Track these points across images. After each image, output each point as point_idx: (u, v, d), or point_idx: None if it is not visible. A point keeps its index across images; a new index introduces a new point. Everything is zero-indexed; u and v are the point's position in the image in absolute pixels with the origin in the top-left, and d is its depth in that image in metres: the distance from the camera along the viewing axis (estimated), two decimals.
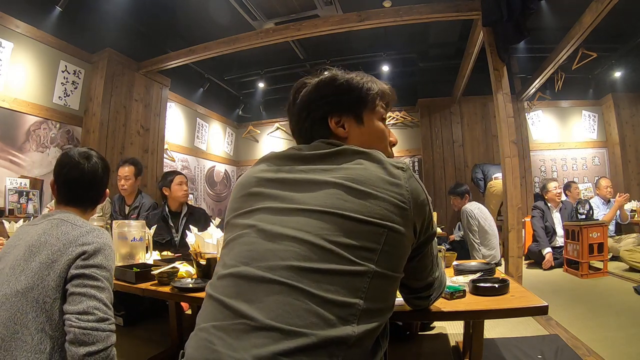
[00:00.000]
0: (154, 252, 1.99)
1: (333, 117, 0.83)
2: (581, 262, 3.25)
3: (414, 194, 0.70)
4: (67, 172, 1.09)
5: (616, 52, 4.98)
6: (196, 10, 4.12)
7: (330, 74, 0.85)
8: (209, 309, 0.66)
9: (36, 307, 0.88)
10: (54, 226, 0.99)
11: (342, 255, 0.62)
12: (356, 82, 0.84)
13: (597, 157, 5.61)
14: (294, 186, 0.72)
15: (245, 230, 0.71)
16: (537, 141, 5.63)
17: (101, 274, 0.94)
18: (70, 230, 0.98)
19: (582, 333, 1.94)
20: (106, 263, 0.96)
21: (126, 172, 2.74)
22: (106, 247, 0.99)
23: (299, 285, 0.60)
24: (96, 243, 0.96)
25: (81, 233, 0.97)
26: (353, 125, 0.83)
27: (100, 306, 0.89)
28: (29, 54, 3.19)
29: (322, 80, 0.85)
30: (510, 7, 2.74)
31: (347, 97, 0.83)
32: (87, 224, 1.03)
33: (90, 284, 0.91)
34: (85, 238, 0.96)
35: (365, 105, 0.84)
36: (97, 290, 0.91)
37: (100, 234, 1.00)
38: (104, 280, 0.94)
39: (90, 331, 0.85)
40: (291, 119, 0.89)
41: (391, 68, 5.34)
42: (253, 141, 6.66)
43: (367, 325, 0.61)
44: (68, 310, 0.88)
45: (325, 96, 0.83)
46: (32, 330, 0.87)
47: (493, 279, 1.28)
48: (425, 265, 0.82)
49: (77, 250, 0.94)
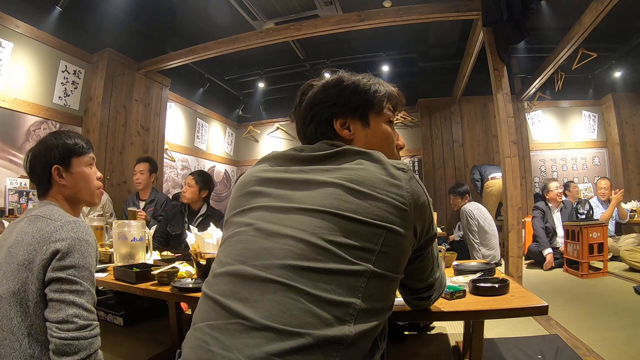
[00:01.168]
0: (154, 252, 1.99)
1: (338, 118, 0.83)
2: (581, 262, 3.25)
3: (415, 196, 0.69)
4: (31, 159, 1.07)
5: (616, 52, 4.98)
6: (196, 11, 4.13)
7: (337, 76, 0.85)
8: (204, 308, 0.66)
9: (20, 311, 0.86)
10: (30, 223, 0.95)
11: (339, 255, 0.62)
12: (363, 84, 0.84)
13: (597, 157, 5.61)
14: (293, 185, 0.72)
15: (242, 228, 0.71)
16: (537, 141, 5.63)
17: (79, 275, 0.89)
18: (44, 226, 0.92)
19: (582, 333, 1.94)
20: (83, 261, 0.91)
21: (141, 167, 3.08)
22: (81, 241, 0.92)
23: (294, 284, 0.60)
24: (70, 239, 0.90)
25: (55, 228, 0.91)
26: (359, 127, 0.83)
27: (80, 313, 0.86)
28: (29, 54, 3.19)
29: (328, 83, 0.85)
30: (510, 7, 2.74)
31: (353, 99, 0.83)
32: (63, 217, 0.96)
33: (68, 288, 0.87)
34: (59, 234, 0.90)
35: (372, 108, 0.84)
36: (75, 295, 0.87)
37: (75, 227, 0.94)
38: (82, 282, 0.89)
39: (71, 341, 0.83)
40: (297, 121, 0.89)
41: (391, 68, 5.34)
42: (253, 141, 6.65)
43: (364, 325, 0.61)
44: (48, 319, 0.85)
45: (331, 98, 0.83)
46: (19, 336, 0.85)
47: (493, 279, 1.27)
48: (426, 266, 0.81)
49: (51, 248, 0.88)
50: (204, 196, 2.64)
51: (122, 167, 3.85)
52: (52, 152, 1.06)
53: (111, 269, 1.63)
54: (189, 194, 2.59)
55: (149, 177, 3.09)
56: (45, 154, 1.06)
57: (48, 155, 1.06)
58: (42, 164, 1.06)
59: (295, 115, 0.89)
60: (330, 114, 0.83)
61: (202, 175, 2.70)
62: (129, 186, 3.92)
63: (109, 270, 1.68)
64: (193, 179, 2.63)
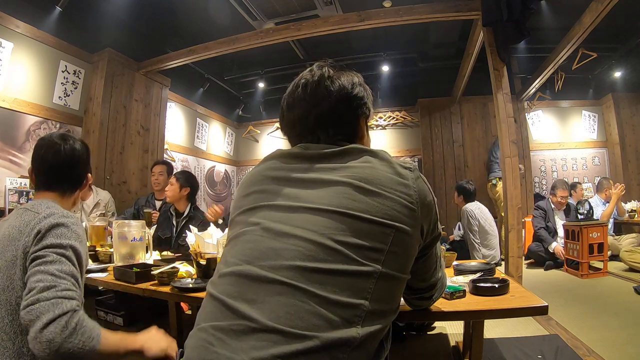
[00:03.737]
0: (154, 252, 1.99)
1: (362, 117, 0.83)
2: (581, 262, 3.24)
3: (422, 195, 0.69)
4: (43, 154, 1.03)
5: (616, 52, 4.97)
6: (196, 11, 4.12)
7: (357, 74, 0.83)
8: (209, 308, 0.65)
9: (10, 309, 0.82)
10: (17, 217, 0.92)
11: (348, 255, 0.61)
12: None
13: (597, 157, 5.61)
14: (300, 184, 0.71)
15: (249, 227, 0.70)
16: (537, 141, 5.63)
17: (50, 251, 0.83)
18: (31, 219, 0.90)
19: (582, 333, 1.94)
20: (57, 241, 0.86)
21: (160, 169, 3.24)
22: (61, 226, 0.88)
23: (302, 286, 0.59)
24: (50, 224, 0.87)
25: (39, 219, 0.89)
26: (366, 129, 0.86)
27: (43, 277, 0.78)
28: (29, 54, 3.19)
29: (354, 79, 0.81)
30: (510, 7, 2.74)
31: (370, 101, 0.85)
32: (51, 209, 0.93)
33: (37, 263, 0.81)
34: (42, 222, 0.88)
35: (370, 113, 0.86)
36: (43, 265, 0.81)
37: (60, 216, 0.91)
38: (52, 254, 0.83)
39: (30, 307, 0.74)
40: (307, 108, 0.86)
41: (391, 68, 5.33)
42: (253, 141, 6.65)
43: (372, 327, 0.60)
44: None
45: (364, 97, 0.83)
46: (12, 335, 0.82)
47: (493, 279, 1.28)
48: (429, 266, 0.81)
49: (32, 234, 0.85)
50: (186, 194, 2.64)
51: (122, 167, 3.85)
52: (89, 158, 1.13)
53: (111, 269, 1.63)
54: (170, 192, 2.61)
55: (166, 178, 3.20)
56: (88, 158, 1.12)
57: (89, 159, 1.12)
58: (85, 164, 1.10)
59: (302, 102, 0.80)
60: (360, 113, 0.81)
61: (183, 173, 2.78)
62: (129, 186, 3.92)
63: (109, 270, 1.68)
64: (174, 177, 2.69)
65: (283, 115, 0.84)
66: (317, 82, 0.78)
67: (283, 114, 0.84)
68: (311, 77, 0.79)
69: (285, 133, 0.85)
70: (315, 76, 0.79)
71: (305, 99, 0.79)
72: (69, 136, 1.08)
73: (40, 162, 1.04)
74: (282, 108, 0.84)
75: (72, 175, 1.07)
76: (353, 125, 0.80)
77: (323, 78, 0.78)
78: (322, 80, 0.78)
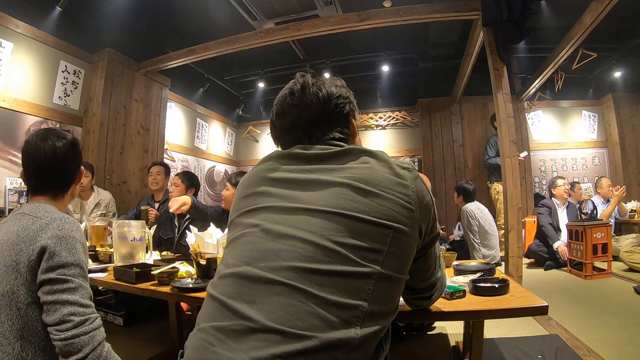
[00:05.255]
0: (154, 252, 1.99)
1: (351, 116, 0.87)
2: (585, 262, 3.20)
3: (420, 195, 0.70)
4: (28, 157, 1.02)
5: (616, 52, 4.97)
6: (196, 11, 4.13)
7: (339, 78, 0.88)
8: (209, 308, 0.66)
9: (10, 314, 0.84)
10: (15, 222, 0.93)
11: (347, 257, 0.62)
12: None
13: (597, 157, 5.61)
14: (299, 185, 0.71)
15: (249, 229, 0.70)
16: (537, 141, 5.63)
17: (69, 273, 0.88)
18: (30, 224, 0.91)
19: (582, 333, 1.94)
20: (72, 258, 0.89)
21: (157, 169, 3.21)
22: (67, 239, 0.90)
23: (301, 287, 0.59)
24: (55, 237, 0.89)
25: (40, 226, 0.90)
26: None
27: (75, 310, 0.85)
28: (29, 54, 3.19)
29: (337, 82, 0.87)
30: (510, 7, 2.74)
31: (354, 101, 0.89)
32: (50, 214, 0.94)
33: (60, 288, 0.86)
34: (45, 232, 0.89)
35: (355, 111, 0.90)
36: (68, 293, 0.86)
37: (61, 224, 0.92)
38: (73, 279, 0.88)
39: (71, 340, 0.83)
40: (304, 109, 0.90)
41: (391, 68, 5.34)
42: (253, 141, 6.65)
43: (370, 328, 0.61)
44: (47, 322, 0.85)
45: (348, 96, 0.87)
46: (12, 340, 0.83)
47: (493, 279, 1.28)
48: (428, 266, 0.82)
49: (37, 248, 0.87)
50: (191, 195, 2.65)
51: (122, 167, 3.85)
52: (81, 153, 1.11)
53: (111, 269, 1.63)
54: (176, 193, 2.63)
55: (164, 179, 3.20)
56: (75, 153, 1.09)
57: (80, 155, 1.11)
58: (71, 161, 1.07)
59: (292, 108, 0.83)
60: (348, 110, 0.85)
61: (187, 174, 2.82)
62: (129, 186, 3.92)
63: (109, 270, 1.68)
64: (179, 178, 2.71)
65: (274, 126, 0.87)
66: (302, 89, 0.82)
67: (274, 124, 0.87)
68: (296, 85, 0.84)
69: (279, 141, 0.87)
70: (299, 84, 0.83)
71: (294, 104, 0.82)
72: (50, 134, 1.04)
73: (25, 165, 1.04)
74: (273, 118, 0.87)
75: (59, 174, 1.05)
76: (343, 122, 0.83)
77: (307, 85, 0.82)
78: (306, 87, 0.82)
